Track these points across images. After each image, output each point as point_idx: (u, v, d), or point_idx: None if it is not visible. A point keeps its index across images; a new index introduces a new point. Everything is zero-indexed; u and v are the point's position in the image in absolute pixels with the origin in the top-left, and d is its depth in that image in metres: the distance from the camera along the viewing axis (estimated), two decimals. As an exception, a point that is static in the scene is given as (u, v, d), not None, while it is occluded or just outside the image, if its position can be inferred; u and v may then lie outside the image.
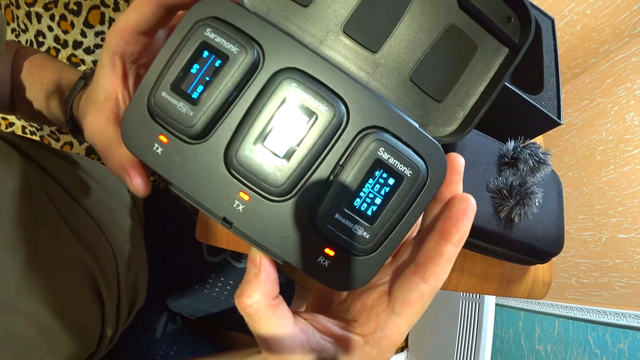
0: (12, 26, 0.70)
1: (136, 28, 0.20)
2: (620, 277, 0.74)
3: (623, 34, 0.87)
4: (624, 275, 0.73)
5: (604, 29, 0.87)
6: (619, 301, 0.72)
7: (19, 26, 0.70)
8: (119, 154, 0.19)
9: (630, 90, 0.84)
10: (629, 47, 0.87)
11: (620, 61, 0.88)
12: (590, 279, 0.81)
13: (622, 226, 0.77)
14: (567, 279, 0.87)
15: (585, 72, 0.98)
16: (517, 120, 0.44)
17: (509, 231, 0.37)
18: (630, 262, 0.73)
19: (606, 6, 0.82)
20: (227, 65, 0.16)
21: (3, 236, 0.28)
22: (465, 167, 0.38)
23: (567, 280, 0.87)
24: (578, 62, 0.97)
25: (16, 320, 0.28)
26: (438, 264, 0.16)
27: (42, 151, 0.41)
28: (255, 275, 0.17)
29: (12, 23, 0.70)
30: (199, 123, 0.17)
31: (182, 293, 0.60)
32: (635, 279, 0.71)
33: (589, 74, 0.96)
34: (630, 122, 0.82)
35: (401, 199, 0.17)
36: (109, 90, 0.20)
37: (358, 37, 0.21)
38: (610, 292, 0.75)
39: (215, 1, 0.17)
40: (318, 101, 0.16)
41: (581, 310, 0.76)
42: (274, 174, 0.17)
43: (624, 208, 0.77)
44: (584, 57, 0.94)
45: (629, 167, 0.79)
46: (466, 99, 0.22)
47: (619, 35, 0.87)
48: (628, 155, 0.80)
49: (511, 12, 0.20)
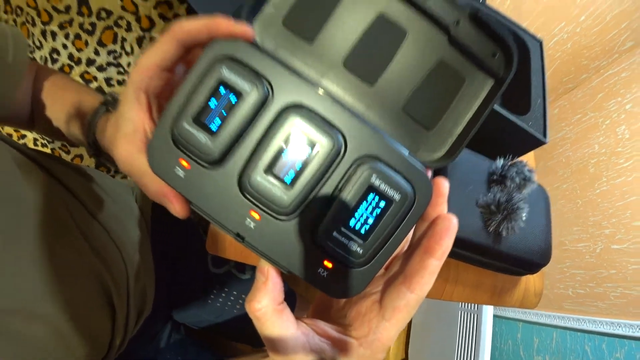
0: (28, 42, 0.74)
1: (159, 65, 0.22)
2: (615, 287, 0.75)
3: (612, 51, 0.90)
4: (619, 285, 0.75)
5: (594, 46, 0.90)
6: (614, 311, 0.74)
7: (34, 43, 0.73)
8: (157, 183, 0.22)
9: (620, 105, 0.87)
10: (619, 62, 0.91)
11: (611, 76, 0.92)
12: (586, 289, 0.82)
13: (616, 237, 0.78)
14: (563, 289, 0.88)
15: (577, 87, 1.01)
16: (506, 140, 0.47)
17: (498, 244, 0.39)
18: (624, 272, 0.74)
19: (595, 25, 0.86)
20: (241, 101, 0.19)
21: (27, 247, 0.30)
22: (456, 184, 0.41)
23: (563, 291, 0.88)
24: (570, 78, 1.00)
25: (35, 325, 0.30)
26: (423, 276, 0.19)
27: (59, 165, 0.43)
28: (264, 283, 0.19)
29: (28, 39, 0.73)
30: (217, 152, 0.19)
31: (187, 303, 0.61)
32: (629, 288, 0.73)
33: (581, 89, 0.99)
34: (621, 136, 0.85)
35: (391, 219, 0.19)
36: (136, 123, 0.23)
37: (356, 71, 0.24)
38: (606, 302, 0.76)
39: (230, 41, 0.19)
40: (319, 134, 0.19)
41: (578, 321, 0.77)
42: (281, 197, 0.19)
43: (617, 219, 0.79)
44: (576, 73, 0.98)
45: (621, 180, 0.81)
46: (454, 127, 0.24)
47: (609, 52, 0.91)
48: (620, 168, 0.82)
49: (497, 48, 0.22)
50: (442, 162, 0.24)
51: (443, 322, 1.00)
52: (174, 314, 0.62)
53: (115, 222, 0.47)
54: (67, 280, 0.34)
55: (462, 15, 0.22)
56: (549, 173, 1.04)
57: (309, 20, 0.23)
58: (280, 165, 0.19)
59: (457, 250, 0.41)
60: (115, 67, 0.73)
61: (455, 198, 0.41)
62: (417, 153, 0.24)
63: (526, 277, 0.49)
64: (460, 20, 0.22)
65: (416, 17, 0.23)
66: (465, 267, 0.45)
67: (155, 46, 0.22)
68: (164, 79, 0.23)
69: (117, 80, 0.74)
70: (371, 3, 0.23)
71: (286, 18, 0.23)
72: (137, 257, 0.48)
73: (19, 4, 0.70)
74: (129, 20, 0.68)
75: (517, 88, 0.53)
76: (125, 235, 0.48)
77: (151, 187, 0.22)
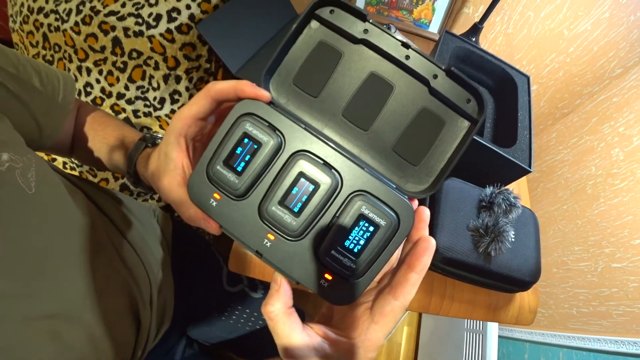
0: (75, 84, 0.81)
1: (196, 116, 0.27)
2: (617, 305, 0.77)
3: (603, 77, 0.95)
4: (621, 303, 0.76)
5: (585, 73, 0.96)
6: (617, 329, 0.75)
7: (70, 77, 0.81)
8: (195, 210, 0.26)
9: (614, 128, 0.91)
10: (610, 88, 0.95)
11: (603, 101, 0.96)
12: (589, 308, 0.83)
13: (616, 256, 0.80)
14: (568, 309, 0.89)
15: (572, 112, 1.05)
16: (494, 170, 0.51)
17: (488, 263, 0.43)
18: (626, 290, 0.76)
19: (583, 55, 0.91)
20: (261, 149, 0.24)
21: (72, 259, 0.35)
22: (449, 210, 0.46)
23: (568, 311, 0.89)
24: (565, 104, 1.05)
25: (75, 330, 0.34)
26: (405, 287, 0.23)
27: (94, 189, 0.48)
28: (277, 290, 0.24)
29: None
30: (242, 188, 0.25)
31: (202, 320, 0.64)
32: (631, 306, 0.74)
33: (577, 114, 1.04)
34: (615, 157, 0.88)
35: (378, 241, 0.23)
36: (176, 161, 0.28)
37: (353, 119, 0.28)
38: (609, 321, 0.77)
39: (252, 102, 0.25)
40: (320, 174, 0.24)
41: (583, 340, 0.78)
42: (291, 223, 0.24)
43: (616, 239, 0.81)
44: (570, 99, 1.03)
45: (617, 200, 0.84)
46: (437, 163, 0.27)
47: (600, 78, 0.95)
48: (616, 189, 0.85)
49: (470, 95, 0.26)
50: (428, 192, 0.27)
51: (449, 342, 1.01)
52: (188, 330, 0.65)
53: (141, 241, 0.51)
54: (103, 291, 0.38)
55: (438, 70, 0.26)
56: (549, 195, 1.07)
57: (313, 80, 0.28)
58: (290, 198, 0.24)
59: (452, 269, 0.45)
60: (142, 100, 0.81)
61: (448, 222, 0.45)
62: (406, 185, 0.28)
63: (520, 294, 0.52)
64: (437, 74, 0.26)
65: (401, 74, 0.27)
66: (461, 286, 0.49)
67: (193, 100, 0.27)
68: (198, 126, 0.28)
69: (144, 112, 0.82)
70: (364, 64, 0.28)
71: (295, 78, 0.28)
72: (160, 274, 0.52)
73: (57, 41, 0.78)
74: (157, 60, 0.76)
75: (505, 122, 0.58)
76: (150, 253, 0.52)
77: (188, 213, 0.27)
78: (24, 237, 0.29)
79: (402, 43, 0.27)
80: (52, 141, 0.42)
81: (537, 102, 1.07)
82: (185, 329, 0.65)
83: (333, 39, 0.28)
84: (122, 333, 0.41)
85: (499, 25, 0.92)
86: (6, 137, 0.30)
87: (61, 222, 0.34)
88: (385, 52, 0.27)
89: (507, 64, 0.66)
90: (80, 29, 0.74)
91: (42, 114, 0.38)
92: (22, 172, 0.30)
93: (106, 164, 0.45)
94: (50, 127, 0.40)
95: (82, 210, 0.38)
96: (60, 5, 0.75)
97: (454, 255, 0.43)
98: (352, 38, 0.27)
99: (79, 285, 0.35)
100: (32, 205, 0.30)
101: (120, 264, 0.44)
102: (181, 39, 0.74)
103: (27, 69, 0.36)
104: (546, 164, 1.12)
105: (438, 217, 0.46)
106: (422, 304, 0.48)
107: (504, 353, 0.98)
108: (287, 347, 0.23)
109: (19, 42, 0.86)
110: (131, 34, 0.73)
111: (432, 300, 0.48)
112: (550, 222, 1.04)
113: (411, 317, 1.36)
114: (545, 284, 0.99)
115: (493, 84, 0.68)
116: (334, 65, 0.28)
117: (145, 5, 0.72)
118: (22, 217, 0.29)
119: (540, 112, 1.10)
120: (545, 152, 1.13)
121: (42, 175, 0.32)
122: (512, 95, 0.62)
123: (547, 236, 1.03)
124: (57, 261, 0.33)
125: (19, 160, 0.30)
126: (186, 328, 0.65)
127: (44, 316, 0.31)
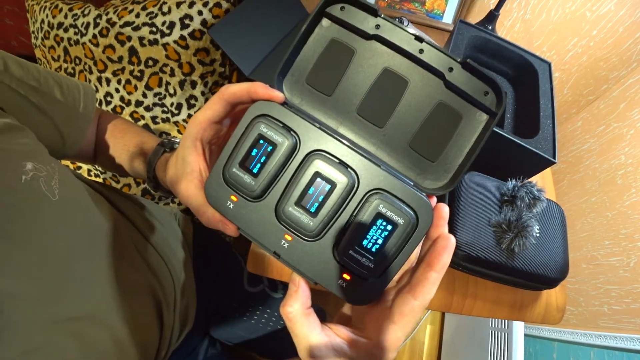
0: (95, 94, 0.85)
1: (211, 120, 0.27)
2: (653, 302, 0.73)
3: (630, 60, 0.90)
4: (657, 301, 0.72)
5: (611, 57, 0.90)
6: (654, 328, 0.71)
7: (91, 88, 0.84)
8: (212, 212, 0.26)
9: (645, 114, 0.86)
10: (638, 71, 0.90)
11: (631, 85, 0.91)
12: (622, 305, 0.79)
13: (650, 250, 0.76)
14: (598, 306, 0.85)
15: (599, 99, 1.00)
16: (517, 162, 0.49)
17: (511, 260, 0.41)
18: (662, 287, 0.72)
19: (608, 37, 0.86)
20: (276, 150, 0.24)
21: (98, 264, 0.36)
22: (470, 205, 0.45)
23: (599, 308, 0.85)
24: (590, 90, 1.00)
25: (101, 332, 0.35)
26: (424, 286, 0.22)
27: (118, 195, 0.50)
28: (295, 291, 0.23)
29: None
30: (258, 189, 0.24)
31: (224, 320, 0.65)
32: (668, 304, 0.70)
33: (603, 100, 0.99)
34: (648, 145, 0.83)
35: (397, 239, 0.23)
36: (193, 165, 0.28)
37: (368, 117, 0.27)
38: (645, 319, 0.73)
39: (266, 103, 0.25)
40: (336, 173, 0.24)
41: (615, 339, 0.74)
42: (308, 224, 0.24)
43: (650, 232, 0.77)
44: (595, 84, 0.98)
45: (651, 190, 0.79)
46: (455, 158, 0.26)
47: (627, 61, 0.90)
48: (649, 178, 0.80)
49: (487, 87, 0.25)
50: (446, 189, 0.26)
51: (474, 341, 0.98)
52: (211, 330, 0.66)
53: (164, 244, 0.52)
54: (127, 294, 0.39)
55: (454, 63, 0.25)
56: (576, 186, 1.02)
57: (326, 78, 0.28)
58: (307, 198, 0.24)
59: (474, 267, 0.44)
60: (160, 107, 0.83)
61: (470, 218, 0.44)
62: (424, 182, 0.27)
63: (547, 292, 0.50)
64: (453, 67, 0.25)
65: (415, 68, 0.26)
66: (484, 283, 0.47)
67: (207, 105, 0.27)
68: (214, 129, 0.29)
69: (162, 118, 0.84)
70: (377, 60, 0.27)
71: (308, 77, 0.28)
72: (182, 276, 0.54)
73: (77, 54, 0.81)
74: (172, 67, 0.78)
75: (526, 112, 0.56)
76: (173, 256, 0.53)
77: (205, 216, 0.27)
78: (48, 242, 0.30)
79: (416, 36, 0.26)
80: (75, 150, 0.43)
81: (560, 90, 1.03)
82: (208, 329, 0.66)
83: (345, 36, 0.27)
84: (146, 334, 0.42)
85: (516, 11, 0.89)
86: (30, 148, 0.32)
87: (85, 228, 0.35)
88: (398, 47, 0.26)
89: (527, 51, 0.64)
90: (99, 41, 0.77)
91: (65, 124, 0.40)
92: (45, 180, 0.31)
93: (127, 170, 0.47)
94: (73, 136, 0.41)
95: (105, 216, 0.39)
96: (79, 19, 0.78)
97: (476, 252, 0.42)
98: (364, 34, 0.27)
99: (103, 289, 0.36)
100: (56, 212, 0.31)
101: (144, 266, 0.45)
102: (195, 45, 0.76)
103: (48, 81, 0.37)
104: (572, 155, 1.07)
105: (459, 212, 0.45)
106: (444, 302, 0.47)
107: (531, 352, 0.95)
108: (306, 348, 0.23)
109: (42, 57, 0.90)
110: (146, 42, 0.75)
111: (453, 299, 0.47)
112: (578, 215, 0.99)
113: (434, 315, 1.34)
114: (574, 280, 0.94)
115: (512, 72, 0.66)
116: (347, 62, 0.27)
117: (158, 14, 0.73)
118: (46, 224, 0.30)
119: (564, 100, 1.05)
120: (571, 142, 1.08)
121: (65, 182, 0.33)
122: (532, 83, 0.59)
123: (575, 230, 0.98)
124: (81, 265, 0.34)
125: (42, 169, 0.31)
126: (209, 328, 0.66)
127: (70, 318, 0.32)
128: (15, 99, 0.33)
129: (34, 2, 0.85)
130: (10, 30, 1.03)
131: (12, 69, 0.33)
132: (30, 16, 0.87)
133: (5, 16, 0.99)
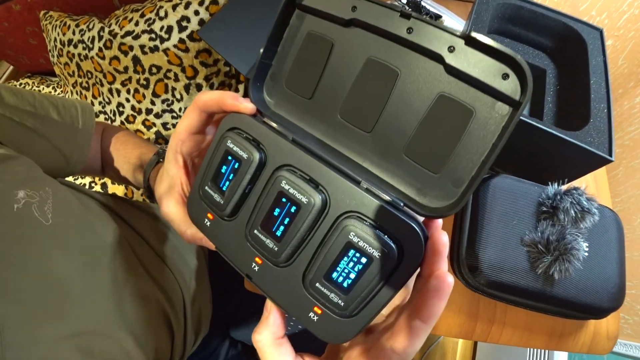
0: (99, 99, 0.87)
1: (189, 130, 0.26)
2: None
3: None
4: None
5: (681, 16, 0.74)
6: None
7: (104, 99, 0.86)
8: (193, 229, 0.26)
9: None
10: None
11: None
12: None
13: None
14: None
15: (664, 67, 0.84)
16: (560, 161, 0.40)
17: (550, 288, 0.34)
18: None
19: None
20: (241, 166, 0.22)
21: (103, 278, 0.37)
22: (498, 217, 0.38)
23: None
24: (653, 58, 0.83)
25: (109, 345, 0.35)
26: (407, 338, 0.17)
27: (125, 204, 0.51)
28: (266, 318, 0.22)
29: (99, 97, 0.87)
30: (228, 208, 0.23)
31: (243, 321, 0.66)
32: None
33: (670, 69, 0.82)
34: None
35: (373, 276, 0.18)
36: (174, 179, 0.28)
37: (352, 120, 0.23)
38: None
39: (236, 116, 0.23)
40: (301, 194, 0.20)
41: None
42: (273, 249, 0.21)
43: None
44: (660, 50, 0.81)
45: None
46: (465, 167, 0.20)
47: None
48: None
49: (506, 67, 0.18)
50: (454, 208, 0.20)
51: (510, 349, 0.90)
52: (231, 332, 0.67)
53: (173, 252, 0.52)
54: (133, 306, 0.40)
55: (454, 39, 0.19)
56: (635, 174, 0.87)
57: (305, 79, 0.25)
58: (272, 220, 0.21)
59: (499, 294, 0.37)
60: (169, 112, 0.83)
61: (496, 234, 0.37)
62: (425, 200, 0.21)
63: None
64: (453, 46, 0.19)
65: (406, 53, 0.21)
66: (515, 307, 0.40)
67: (184, 115, 0.26)
68: (193, 140, 0.27)
69: (172, 124, 0.84)
70: (358, 50, 0.23)
71: (287, 80, 0.25)
72: (193, 283, 0.54)
73: (88, 68, 0.83)
74: (176, 72, 0.76)
75: (572, 94, 0.45)
76: (183, 264, 0.53)
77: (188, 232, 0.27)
78: (45, 265, 0.31)
79: (401, 12, 0.20)
80: (81, 166, 0.45)
81: (614, 61, 0.87)
82: (227, 331, 0.66)
83: (321, 27, 0.24)
84: (156, 343, 0.43)
85: (556, -28, 0.75)
86: (23, 175, 0.32)
87: (83, 247, 0.36)
88: (381, 30, 0.21)
89: (571, 17, 0.51)
90: (104, 54, 0.77)
91: (65, 143, 0.41)
92: (38, 206, 0.32)
93: (132, 181, 0.48)
94: (77, 153, 0.43)
95: (107, 231, 0.40)
96: (85, 34, 0.79)
97: (504, 277, 0.35)
98: (340, 21, 0.23)
99: (106, 303, 0.37)
100: (50, 236, 0.32)
101: (149, 278, 0.45)
102: (195, 47, 0.73)
103: (43, 104, 0.39)
104: (629, 137, 0.92)
105: (483, 227, 0.37)
106: (465, 329, 0.40)
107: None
108: None
109: (60, 74, 0.94)
110: (147, 50, 0.73)
111: (477, 326, 0.40)
112: (636, 208, 0.85)
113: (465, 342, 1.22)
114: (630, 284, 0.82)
115: (553, 45, 0.53)
116: (325, 57, 0.24)
117: (155, 19, 0.71)
118: (41, 248, 0.31)
119: (619, 72, 0.89)
120: (628, 122, 0.92)
121: (60, 205, 0.34)
122: (580, 56, 0.48)
123: (633, 226, 0.85)
124: (81, 283, 0.34)
125: (35, 195, 0.32)
126: (229, 330, 0.66)
127: (74, 334, 0.32)
128: (11, 127, 0.35)
129: (47, 22, 0.87)
130: (36, 49, 1.08)
131: (6, 98, 0.35)
132: (46, 35, 0.89)
133: (28, 37, 1.03)
